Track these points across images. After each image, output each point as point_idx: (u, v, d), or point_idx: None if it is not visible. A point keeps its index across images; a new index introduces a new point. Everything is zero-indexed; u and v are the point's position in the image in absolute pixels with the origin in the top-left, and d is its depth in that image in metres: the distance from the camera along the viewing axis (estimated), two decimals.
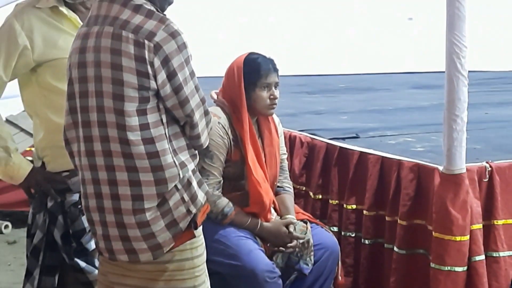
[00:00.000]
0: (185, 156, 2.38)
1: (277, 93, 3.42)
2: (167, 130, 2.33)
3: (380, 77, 7.09)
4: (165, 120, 2.33)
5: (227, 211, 3.30)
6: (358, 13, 7.44)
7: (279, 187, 3.55)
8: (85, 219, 2.55)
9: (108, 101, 2.27)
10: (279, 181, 3.56)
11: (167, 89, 2.29)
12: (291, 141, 4.05)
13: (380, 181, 3.55)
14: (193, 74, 2.36)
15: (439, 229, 3.13)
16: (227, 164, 3.36)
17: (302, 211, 3.61)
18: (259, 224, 3.36)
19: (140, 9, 2.29)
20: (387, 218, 3.48)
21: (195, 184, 2.38)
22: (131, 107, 2.26)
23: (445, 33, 3.06)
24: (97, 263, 2.64)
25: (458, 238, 3.09)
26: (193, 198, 2.37)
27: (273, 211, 3.46)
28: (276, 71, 3.43)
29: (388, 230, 3.48)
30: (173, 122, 2.36)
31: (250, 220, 3.35)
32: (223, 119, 3.35)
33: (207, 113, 2.44)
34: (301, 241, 3.34)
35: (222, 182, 3.35)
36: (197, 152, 2.48)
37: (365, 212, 3.59)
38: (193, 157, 2.44)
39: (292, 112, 4.60)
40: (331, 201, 3.81)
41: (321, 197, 3.89)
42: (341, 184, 3.77)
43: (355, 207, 3.67)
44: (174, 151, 2.34)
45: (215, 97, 3.44)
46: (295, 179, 3.86)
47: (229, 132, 3.36)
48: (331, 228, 3.67)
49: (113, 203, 2.34)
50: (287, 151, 3.75)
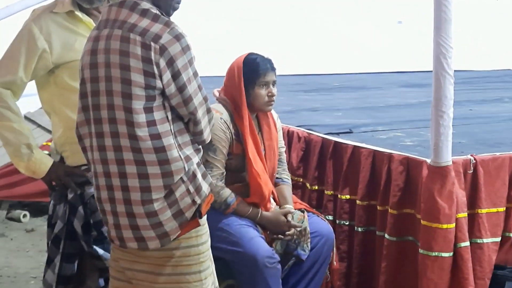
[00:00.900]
0: (189, 150, 2.37)
1: (274, 90, 3.39)
2: (172, 126, 2.33)
3: (371, 76, 7.11)
4: (170, 117, 2.33)
5: (230, 201, 3.27)
6: (352, 17, 7.51)
7: (278, 178, 3.52)
8: None
9: (117, 99, 2.27)
10: (278, 173, 3.52)
11: (172, 88, 2.29)
12: (289, 135, 4.01)
13: (372, 173, 3.53)
14: (196, 74, 2.35)
15: (427, 217, 3.10)
16: (229, 157, 3.33)
17: (299, 201, 3.59)
18: (259, 213, 3.33)
19: (147, 13, 2.28)
20: (379, 207, 3.46)
21: (199, 176, 2.37)
22: (138, 105, 2.26)
23: (432, 35, 3.02)
24: None
25: (444, 226, 3.07)
26: (198, 189, 2.36)
27: (272, 201, 3.43)
28: (273, 70, 3.39)
29: (379, 218, 3.45)
30: (178, 119, 2.36)
31: (251, 209, 3.32)
32: (225, 115, 3.31)
33: (209, 111, 2.44)
34: (298, 229, 3.31)
35: (224, 174, 3.31)
36: (200, 146, 2.47)
37: (358, 202, 3.56)
38: (197, 151, 2.42)
39: (290, 109, 4.59)
40: (326, 192, 3.78)
41: (317, 188, 3.87)
42: (336, 176, 3.74)
43: (348, 197, 3.64)
44: (179, 146, 2.33)
45: (217, 95, 3.40)
46: (292, 171, 3.84)
47: (231, 127, 3.32)
48: (327, 217, 3.64)
49: (123, 195, 2.33)
50: (285, 145, 3.71)
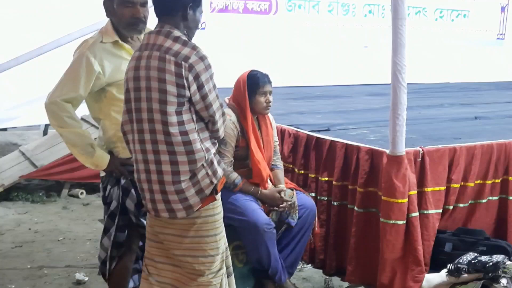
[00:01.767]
0: (208, 143, 2.44)
1: (271, 98, 3.44)
2: (196, 125, 2.40)
3: (344, 88, 7.04)
4: (194, 118, 2.40)
5: (237, 182, 3.33)
6: (331, 42, 7.37)
7: (273, 165, 3.55)
8: None
9: (155, 104, 2.34)
10: (273, 161, 3.56)
11: (197, 97, 2.36)
12: (281, 132, 4.01)
13: (344, 161, 3.54)
14: (215, 86, 2.42)
15: (386, 194, 3.15)
16: (236, 149, 3.38)
17: (289, 182, 3.62)
18: (259, 191, 3.38)
19: (178, 40, 2.35)
20: (350, 186, 3.49)
21: (215, 163, 2.45)
22: (171, 109, 2.33)
23: (390, 56, 3.06)
24: None
25: (399, 200, 3.12)
26: (214, 172, 2.44)
27: (269, 182, 3.48)
28: (270, 82, 3.45)
29: (350, 195, 3.49)
30: (200, 120, 2.42)
31: (253, 188, 3.37)
32: (233, 117, 3.37)
33: (224, 114, 2.50)
34: (289, 203, 3.37)
35: (233, 161, 3.37)
36: (216, 141, 2.53)
37: (334, 182, 3.58)
38: (214, 144, 2.50)
39: (282, 112, 4.58)
40: (310, 175, 3.79)
41: (303, 172, 3.86)
42: (317, 163, 3.74)
43: (327, 179, 3.65)
44: (201, 140, 2.40)
45: (227, 101, 3.44)
46: (284, 159, 3.83)
47: (237, 126, 3.38)
48: (310, 194, 3.66)
49: (158, 177, 2.40)
50: (278, 139, 3.73)
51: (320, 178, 3.72)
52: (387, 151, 3.20)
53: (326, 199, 3.68)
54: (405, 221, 3.17)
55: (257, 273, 3.48)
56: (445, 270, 3.19)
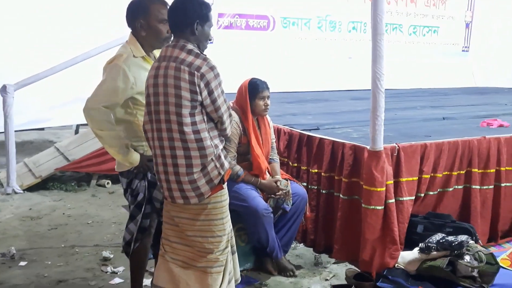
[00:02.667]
0: (217, 140, 2.44)
1: (268, 102, 3.46)
2: (206, 125, 2.40)
3: (332, 93, 7.02)
4: (205, 119, 2.39)
5: (240, 173, 3.35)
6: (319, 52, 7.40)
7: (270, 159, 3.56)
8: None
9: (172, 107, 2.34)
10: (270, 155, 3.57)
11: (208, 101, 2.36)
12: (278, 131, 4.01)
13: (331, 155, 3.55)
14: (223, 92, 2.41)
15: (367, 183, 3.17)
16: (239, 145, 3.39)
17: (284, 173, 3.64)
18: (259, 181, 3.39)
19: (191, 52, 2.36)
20: (336, 177, 3.51)
21: (223, 157, 2.45)
22: (186, 111, 2.33)
23: (371, 65, 3.07)
24: None
25: (378, 189, 3.13)
26: (222, 165, 2.43)
27: (267, 173, 3.49)
28: (268, 88, 3.46)
29: (336, 184, 3.50)
30: (210, 120, 2.42)
31: (253, 179, 3.39)
32: (236, 118, 3.37)
33: (230, 115, 2.49)
34: (284, 191, 3.39)
35: (236, 156, 3.38)
36: (223, 138, 2.52)
37: (322, 174, 3.60)
38: (221, 141, 2.49)
39: (278, 114, 4.56)
40: (302, 167, 3.80)
41: (296, 165, 3.87)
42: (308, 157, 3.76)
43: (316, 171, 3.66)
44: (211, 138, 2.40)
45: (231, 105, 3.37)
46: (280, 154, 3.84)
47: (240, 126, 3.38)
48: (302, 183, 3.67)
49: (174, 169, 2.40)
50: (275, 137, 3.74)
51: (310, 170, 3.74)
52: (368, 147, 3.21)
53: (316, 188, 3.69)
54: (383, 207, 3.18)
55: (257, 251, 3.49)
56: (417, 248, 3.20)
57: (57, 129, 8.06)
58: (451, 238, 3.15)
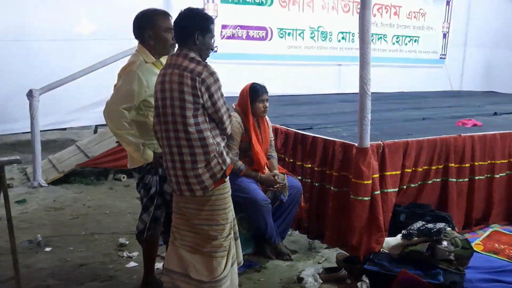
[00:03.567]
0: (219, 139, 2.43)
1: (267, 104, 3.45)
2: (209, 125, 2.39)
3: (323, 96, 7.00)
4: (207, 120, 2.38)
5: (242, 168, 3.34)
6: (312, 60, 7.38)
7: (269, 155, 3.56)
8: None
9: (177, 110, 2.33)
10: (269, 152, 3.56)
11: (209, 103, 2.35)
12: (275, 130, 3.99)
13: (323, 152, 3.54)
14: (222, 95, 2.40)
15: (355, 177, 3.16)
16: (241, 143, 3.38)
17: (281, 168, 3.62)
18: (258, 175, 3.39)
19: (193, 60, 2.35)
20: (327, 171, 3.50)
21: (225, 154, 2.44)
22: (189, 113, 2.32)
23: (358, 71, 3.06)
24: None
25: (365, 182, 3.13)
26: (224, 161, 2.42)
27: (266, 168, 3.48)
28: (266, 92, 3.45)
29: (328, 178, 3.50)
30: (212, 120, 2.40)
31: (254, 173, 3.38)
32: (238, 119, 3.37)
33: (230, 116, 2.48)
34: (281, 184, 3.39)
35: (238, 152, 3.37)
36: (225, 137, 2.51)
37: (315, 168, 3.60)
38: (223, 139, 2.48)
39: (276, 115, 4.53)
40: (297, 163, 3.80)
41: (292, 160, 3.86)
42: (303, 153, 3.75)
43: (310, 166, 3.65)
44: (213, 136, 2.39)
45: (234, 107, 3.44)
46: (278, 150, 3.82)
47: (242, 126, 3.38)
48: (297, 177, 3.66)
49: (180, 165, 2.40)
50: (273, 135, 3.72)
51: (304, 165, 3.73)
52: (356, 144, 3.20)
53: (309, 181, 3.68)
54: (369, 198, 3.18)
55: (257, 238, 3.48)
56: (400, 235, 3.20)
57: (78, 129, 8.05)
58: (430, 225, 3.15)
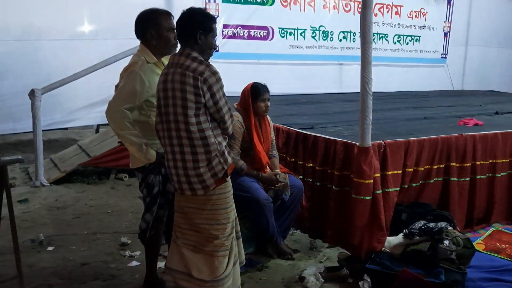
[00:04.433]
0: (220, 138, 2.42)
1: (269, 104, 3.45)
2: (210, 124, 2.37)
3: (325, 95, 6.98)
4: (209, 119, 2.36)
5: (243, 167, 3.34)
6: (313, 59, 7.39)
7: (270, 154, 3.56)
8: None
9: (179, 109, 2.33)
10: (270, 151, 3.57)
11: (210, 103, 2.33)
12: (277, 130, 3.99)
13: (325, 151, 3.53)
14: (224, 94, 2.38)
15: (357, 176, 3.15)
16: (243, 142, 3.39)
17: (283, 167, 3.64)
18: (260, 174, 3.40)
19: (195, 59, 2.34)
20: (329, 171, 3.49)
21: (226, 153, 2.43)
22: (191, 112, 2.31)
23: (360, 70, 3.04)
24: None
25: (367, 181, 3.12)
26: (225, 160, 2.41)
27: (268, 167, 3.49)
28: (268, 92, 3.45)
29: (329, 177, 3.49)
30: (213, 120, 2.39)
31: (255, 172, 3.39)
32: (240, 118, 3.38)
33: (231, 116, 2.47)
34: (283, 183, 3.39)
35: (240, 152, 3.38)
36: (227, 136, 2.50)
37: (317, 168, 3.59)
38: (225, 138, 2.47)
39: (277, 114, 4.53)
40: (298, 162, 3.79)
41: (293, 160, 3.85)
42: (304, 153, 3.74)
43: (311, 165, 3.64)
44: (215, 136, 2.38)
45: (236, 106, 3.44)
46: (279, 150, 3.82)
47: (243, 125, 3.38)
48: (299, 176, 3.67)
49: (182, 164, 2.39)
50: (275, 135, 3.74)
51: (306, 164, 3.73)
52: (357, 144, 3.19)
53: (311, 180, 3.68)
54: (371, 197, 3.17)
55: (259, 237, 3.48)
56: (401, 234, 3.19)
57: (80, 129, 8.07)
58: (432, 224, 3.15)
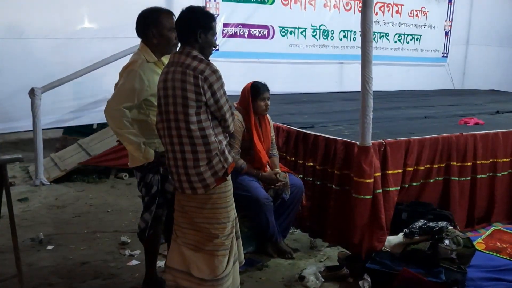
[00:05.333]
0: (221, 137, 2.42)
1: (269, 102, 3.45)
2: (211, 123, 2.36)
3: (325, 94, 6.97)
4: (210, 117, 2.36)
5: (243, 166, 3.35)
6: (314, 58, 7.41)
7: (270, 153, 3.56)
8: None
9: (179, 107, 2.32)
10: (270, 150, 3.57)
11: (211, 101, 2.33)
12: (277, 129, 3.98)
13: (325, 150, 3.53)
14: (225, 93, 2.38)
15: (357, 175, 3.15)
16: (243, 141, 3.39)
17: (283, 166, 3.64)
18: (260, 173, 3.40)
19: (196, 58, 2.34)
20: (329, 170, 3.49)
21: (226, 152, 2.43)
22: (192, 111, 2.31)
23: (360, 69, 3.04)
24: None
25: (367, 180, 3.12)
26: (225, 159, 2.40)
27: (268, 166, 3.49)
28: (268, 90, 3.45)
29: (329, 176, 3.49)
30: (214, 118, 2.39)
31: (255, 171, 3.39)
32: (240, 117, 3.38)
33: (232, 114, 2.46)
34: (283, 182, 3.39)
35: (240, 151, 3.38)
36: (227, 135, 2.50)
37: (317, 167, 3.59)
38: (225, 137, 2.47)
39: (277, 113, 4.52)
40: (299, 161, 3.78)
41: (293, 159, 3.85)
42: (304, 152, 3.74)
43: (312, 164, 3.64)
44: (215, 134, 2.38)
45: (236, 105, 3.43)
46: (279, 149, 3.82)
47: (243, 124, 3.39)
48: (299, 175, 3.66)
49: (182, 162, 2.39)
50: (275, 134, 3.73)
51: (306, 163, 3.72)
52: (358, 143, 3.19)
53: (311, 179, 3.68)
54: (371, 196, 3.17)
55: (259, 236, 3.49)
56: (402, 233, 3.20)
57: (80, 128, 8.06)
58: (432, 224, 3.15)
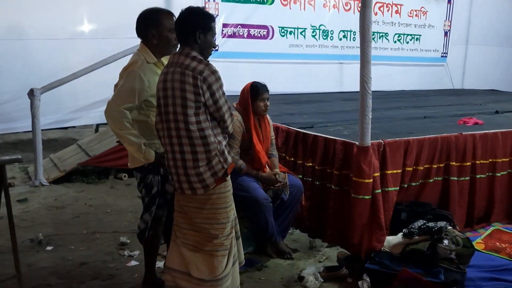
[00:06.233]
0: (220, 137, 2.42)
1: (268, 103, 3.45)
2: (210, 123, 2.37)
3: (324, 94, 6.97)
4: (209, 118, 2.36)
5: (242, 167, 3.35)
6: (313, 58, 7.42)
7: (270, 154, 3.56)
8: None
9: (179, 108, 2.32)
10: (270, 151, 3.57)
11: (210, 102, 2.33)
12: (276, 129, 3.98)
13: (324, 151, 3.53)
14: (224, 93, 2.37)
15: (356, 175, 3.15)
16: (242, 142, 3.39)
17: (282, 167, 3.63)
18: (259, 174, 3.40)
19: (195, 59, 2.34)
20: (328, 170, 3.49)
21: (226, 152, 2.43)
22: (191, 111, 2.31)
23: (359, 69, 3.04)
24: None
25: (366, 180, 3.12)
26: (225, 160, 2.41)
27: (267, 167, 3.49)
28: (267, 91, 3.45)
29: (329, 176, 3.49)
30: (213, 119, 2.39)
31: (255, 172, 3.40)
32: (240, 118, 3.38)
33: (231, 115, 2.46)
34: (282, 182, 3.40)
35: (239, 151, 3.38)
36: (226, 135, 2.50)
37: (316, 167, 3.59)
38: (225, 138, 2.47)
39: (277, 113, 4.51)
40: (298, 161, 3.78)
41: (293, 159, 3.85)
42: (303, 152, 3.74)
43: (311, 164, 3.64)
44: (214, 135, 2.38)
45: (235, 106, 3.44)
46: (279, 149, 3.81)
47: (243, 124, 3.38)
48: (298, 175, 3.66)
49: (182, 163, 2.39)
50: (274, 134, 3.73)
51: (305, 163, 3.72)
52: (357, 143, 3.19)
53: (310, 179, 3.68)
54: (370, 196, 3.17)
55: (258, 236, 3.49)
56: (401, 233, 3.20)
57: (79, 128, 8.07)
58: (431, 224, 3.15)
